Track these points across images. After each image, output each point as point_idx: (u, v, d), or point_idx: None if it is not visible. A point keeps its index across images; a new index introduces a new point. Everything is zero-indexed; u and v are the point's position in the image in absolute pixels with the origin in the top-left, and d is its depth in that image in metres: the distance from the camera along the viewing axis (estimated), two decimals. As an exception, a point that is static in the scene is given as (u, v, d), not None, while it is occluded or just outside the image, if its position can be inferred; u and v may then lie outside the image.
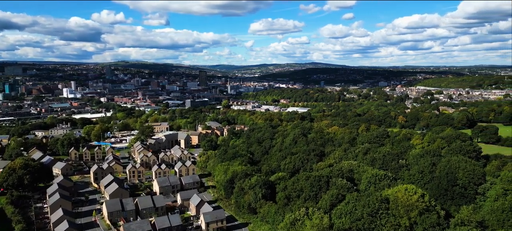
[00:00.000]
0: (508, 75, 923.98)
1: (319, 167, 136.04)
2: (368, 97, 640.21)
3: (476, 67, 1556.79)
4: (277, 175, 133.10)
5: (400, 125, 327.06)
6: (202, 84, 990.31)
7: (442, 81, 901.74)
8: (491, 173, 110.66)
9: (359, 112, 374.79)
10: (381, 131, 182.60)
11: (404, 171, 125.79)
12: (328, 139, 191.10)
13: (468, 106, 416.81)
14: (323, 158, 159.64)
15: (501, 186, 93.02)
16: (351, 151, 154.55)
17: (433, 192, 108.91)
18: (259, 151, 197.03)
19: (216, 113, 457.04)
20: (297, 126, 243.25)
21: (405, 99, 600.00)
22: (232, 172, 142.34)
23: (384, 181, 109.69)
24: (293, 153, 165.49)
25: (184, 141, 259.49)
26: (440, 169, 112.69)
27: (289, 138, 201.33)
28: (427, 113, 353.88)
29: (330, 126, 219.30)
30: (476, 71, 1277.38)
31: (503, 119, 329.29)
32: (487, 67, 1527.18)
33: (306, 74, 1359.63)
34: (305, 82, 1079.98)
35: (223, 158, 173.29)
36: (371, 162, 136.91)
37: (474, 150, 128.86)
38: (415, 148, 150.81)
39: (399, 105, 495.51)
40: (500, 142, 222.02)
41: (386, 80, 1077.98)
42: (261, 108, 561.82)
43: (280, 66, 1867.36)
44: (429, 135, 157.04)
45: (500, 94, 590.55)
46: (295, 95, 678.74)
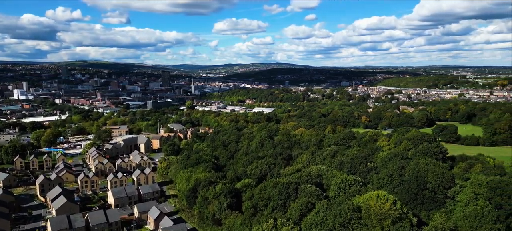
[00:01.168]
0: (461, 75, 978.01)
1: (286, 172, 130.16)
2: (332, 97, 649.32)
3: (431, 67, 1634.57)
4: (243, 182, 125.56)
5: (364, 125, 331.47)
6: (165, 85, 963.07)
7: (400, 81, 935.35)
8: (460, 175, 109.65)
9: (323, 113, 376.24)
10: (347, 133, 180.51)
11: (373, 174, 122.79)
12: (295, 141, 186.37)
13: (426, 106, 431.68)
14: (290, 161, 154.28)
15: (471, 190, 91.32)
16: (319, 154, 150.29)
17: (403, 197, 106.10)
18: (225, 155, 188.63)
19: (179, 114, 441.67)
20: (264, 127, 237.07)
21: (367, 99, 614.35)
22: (195, 180, 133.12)
23: (354, 186, 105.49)
24: (260, 157, 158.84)
25: (144, 145, 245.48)
26: (409, 173, 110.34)
27: (256, 140, 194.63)
28: (389, 113, 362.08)
29: (296, 128, 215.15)
30: (431, 71, 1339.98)
31: (460, 118, 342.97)
32: (441, 67, 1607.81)
33: (271, 74, 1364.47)
34: (270, 83, 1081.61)
35: (185, 164, 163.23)
36: (339, 166, 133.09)
37: (441, 152, 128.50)
38: (382, 150, 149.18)
39: (361, 105, 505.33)
40: (459, 140, 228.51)
41: (348, 80, 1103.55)
42: (227, 109, 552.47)
43: (245, 66, 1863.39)
44: (395, 136, 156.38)
45: (455, 94, 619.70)
46: (261, 95, 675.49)
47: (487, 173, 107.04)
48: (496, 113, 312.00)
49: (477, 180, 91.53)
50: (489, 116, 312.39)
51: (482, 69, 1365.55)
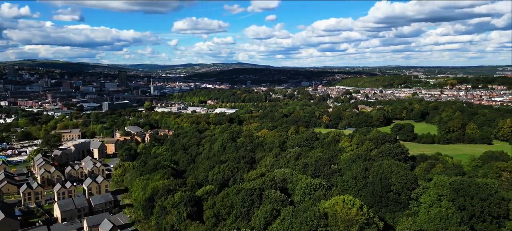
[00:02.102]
0: (414, 75, 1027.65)
1: (250, 176, 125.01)
2: (293, 97, 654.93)
3: (385, 67, 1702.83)
4: (204, 189, 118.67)
5: (325, 124, 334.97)
6: (122, 85, 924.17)
7: (358, 81, 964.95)
8: (422, 176, 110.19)
9: (286, 113, 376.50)
10: (310, 133, 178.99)
11: (337, 177, 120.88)
12: (258, 144, 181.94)
13: (383, 105, 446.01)
14: (254, 165, 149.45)
15: (435, 191, 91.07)
16: (283, 157, 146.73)
17: (368, 199, 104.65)
18: (185, 160, 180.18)
19: (137, 116, 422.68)
20: (226, 129, 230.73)
21: (326, 99, 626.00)
22: (152, 188, 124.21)
23: (319, 190, 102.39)
24: (222, 161, 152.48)
25: (98, 150, 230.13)
26: (373, 174, 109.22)
27: (218, 143, 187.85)
28: (348, 113, 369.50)
29: (259, 129, 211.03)
30: (386, 72, 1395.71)
31: (414, 116, 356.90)
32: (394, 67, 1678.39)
33: (233, 74, 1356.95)
34: (232, 83, 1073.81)
35: (142, 171, 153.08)
36: (303, 168, 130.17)
37: (402, 152, 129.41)
38: (345, 151, 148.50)
39: (322, 105, 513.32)
40: (416, 139, 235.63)
41: (308, 80, 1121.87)
42: (188, 110, 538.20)
43: (206, 66, 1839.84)
44: (357, 136, 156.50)
45: (409, 93, 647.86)
46: (223, 95, 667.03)
47: (448, 173, 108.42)
48: (448, 111, 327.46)
49: (440, 181, 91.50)
50: (442, 114, 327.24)
51: (432, 70, 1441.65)
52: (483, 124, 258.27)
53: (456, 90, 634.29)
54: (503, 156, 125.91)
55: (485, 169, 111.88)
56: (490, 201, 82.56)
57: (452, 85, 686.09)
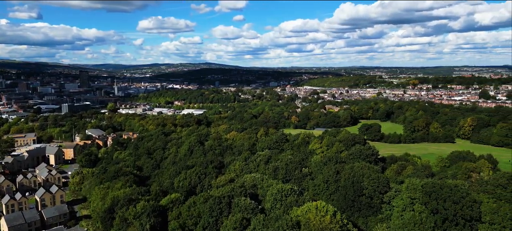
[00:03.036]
0: (378, 75, 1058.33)
1: (218, 182, 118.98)
2: (262, 98, 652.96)
3: (351, 68, 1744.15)
4: (169, 197, 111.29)
5: (294, 125, 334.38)
6: (84, 86, 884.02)
7: (325, 81, 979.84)
8: (393, 178, 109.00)
9: (255, 113, 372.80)
10: (280, 135, 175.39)
11: (308, 180, 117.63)
12: (227, 146, 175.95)
13: (350, 105, 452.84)
14: (222, 170, 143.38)
15: (407, 194, 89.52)
16: (252, 160, 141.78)
17: (340, 204, 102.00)
18: (149, 165, 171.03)
19: (99, 119, 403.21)
20: (193, 132, 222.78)
21: (295, 99, 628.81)
22: (112, 198, 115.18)
23: (290, 196, 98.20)
24: (189, 166, 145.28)
25: (54, 156, 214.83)
26: (344, 178, 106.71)
27: (184, 147, 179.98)
28: (317, 113, 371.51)
29: (228, 131, 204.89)
30: (351, 72, 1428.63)
31: (380, 116, 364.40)
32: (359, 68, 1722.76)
33: (201, 74, 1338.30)
34: (200, 83, 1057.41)
35: (102, 178, 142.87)
36: (274, 172, 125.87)
37: (373, 154, 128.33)
38: (315, 153, 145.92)
39: (290, 105, 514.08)
40: (383, 138, 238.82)
41: (276, 80, 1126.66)
42: (154, 111, 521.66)
43: (173, 66, 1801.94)
44: (327, 138, 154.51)
45: (373, 93, 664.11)
46: (190, 96, 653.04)
47: (419, 175, 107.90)
48: (412, 111, 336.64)
49: (412, 184, 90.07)
50: (406, 113, 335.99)
51: (394, 70, 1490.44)
52: (446, 123, 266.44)
53: (418, 90, 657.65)
54: (470, 156, 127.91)
55: (453, 170, 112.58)
56: (462, 203, 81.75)
57: (414, 85, 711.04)
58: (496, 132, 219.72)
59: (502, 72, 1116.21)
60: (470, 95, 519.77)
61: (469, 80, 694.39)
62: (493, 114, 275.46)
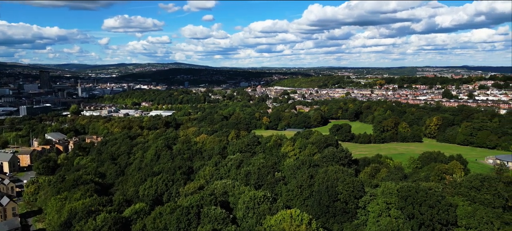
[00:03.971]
0: (346, 75, 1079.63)
1: (187, 190, 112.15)
2: (233, 98, 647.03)
3: (319, 68, 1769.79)
4: (133, 208, 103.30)
5: (265, 126, 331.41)
6: (45, 87, 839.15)
7: (295, 81, 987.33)
8: (367, 182, 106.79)
9: (225, 114, 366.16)
10: (252, 138, 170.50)
11: (281, 185, 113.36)
12: (197, 150, 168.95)
13: (319, 105, 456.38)
14: (191, 175, 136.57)
15: (383, 199, 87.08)
16: (223, 165, 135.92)
17: (314, 210, 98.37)
18: (113, 172, 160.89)
19: (61, 122, 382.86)
20: (161, 135, 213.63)
21: (265, 99, 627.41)
22: (69, 210, 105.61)
23: (263, 204, 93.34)
24: (156, 172, 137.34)
25: (8, 163, 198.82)
26: (318, 182, 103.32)
27: (151, 151, 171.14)
28: (287, 113, 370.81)
29: (198, 134, 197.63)
30: (320, 72, 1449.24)
31: (349, 115, 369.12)
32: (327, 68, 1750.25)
33: (170, 74, 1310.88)
34: (168, 83, 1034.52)
35: (59, 188, 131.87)
36: (245, 177, 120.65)
37: (346, 156, 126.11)
38: (288, 156, 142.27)
39: (261, 106, 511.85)
40: (354, 139, 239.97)
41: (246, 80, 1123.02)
42: (120, 113, 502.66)
43: (141, 66, 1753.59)
44: (300, 140, 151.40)
45: (342, 93, 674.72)
46: (159, 97, 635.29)
47: (393, 178, 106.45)
48: (380, 111, 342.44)
49: (387, 189, 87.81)
50: (374, 113, 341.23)
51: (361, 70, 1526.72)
52: (413, 122, 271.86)
53: (385, 90, 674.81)
54: (441, 157, 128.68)
55: (425, 171, 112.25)
56: (438, 208, 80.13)
57: (381, 85, 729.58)
58: (461, 131, 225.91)
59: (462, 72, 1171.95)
60: (433, 95, 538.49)
61: (432, 80, 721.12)
62: (456, 114, 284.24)
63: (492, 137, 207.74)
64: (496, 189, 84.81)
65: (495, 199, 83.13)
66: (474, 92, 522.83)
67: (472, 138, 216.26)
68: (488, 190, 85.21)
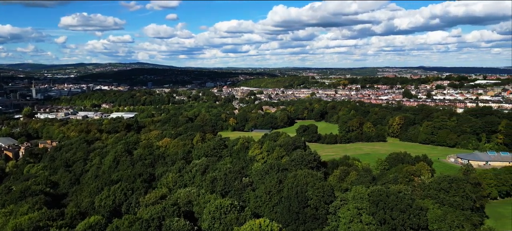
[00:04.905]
0: (310, 76, 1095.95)
1: (148, 200, 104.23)
2: (198, 99, 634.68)
3: (285, 69, 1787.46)
4: (87, 221, 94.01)
5: (232, 127, 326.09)
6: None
7: (261, 82, 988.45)
8: (337, 186, 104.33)
9: (190, 116, 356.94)
10: (218, 141, 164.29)
11: (249, 191, 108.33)
12: (159, 155, 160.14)
13: (286, 105, 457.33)
14: (153, 183, 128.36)
15: (354, 204, 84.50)
16: (187, 171, 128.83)
17: (284, 217, 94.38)
18: (67, 180, 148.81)
19: (12, 125, 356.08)
20: (120, 139, 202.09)
21: (232, 100, 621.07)
22: (13, 226, 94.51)
23: (230, 213, 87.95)
24: (114, 180, 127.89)
25: None
26: (288, 187, 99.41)
27: (109, 157, 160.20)
28: (254, 114, 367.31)
29: (161, 137, 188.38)
30: (285, 73, 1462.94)
31: (315, 116, 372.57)
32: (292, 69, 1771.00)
33: (132, 74, 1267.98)
34: (131, 84, 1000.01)
35: (4, 200, 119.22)
36: (211, 184, 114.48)
37: (315, 159, 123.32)
38: (256, 159, 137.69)
39: (228, 106, 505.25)
40: (320, 139, 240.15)
41: (212, 81, 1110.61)
42: (78, 115, 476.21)
43: (101, 66, 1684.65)
44: (267, 143, 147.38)
45: (307, 93, 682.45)
46: (120, 98, 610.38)
47: (362, 181, 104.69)
48: (344, 111, 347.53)
49: (358, 193, 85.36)
50: (339, 113, 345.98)
51: (324, 71, 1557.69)
52: (377, 122, 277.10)
53: (348, 90, 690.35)
54: (407, 158, 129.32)
55: (394, 173, 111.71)
56: (409, 212, 78.59)
57: (344, 86, 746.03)
58: (422, 130, 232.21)
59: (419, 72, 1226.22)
60: (394, 95, 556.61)
61: (393, 80, 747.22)
62: (417, 113, 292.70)
63: (452, 135, 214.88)
64: (464, 190, 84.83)
65: (464, 201, 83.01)
66: (432, 92, 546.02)
67: (433, 137, 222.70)
68: (456, 192, 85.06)
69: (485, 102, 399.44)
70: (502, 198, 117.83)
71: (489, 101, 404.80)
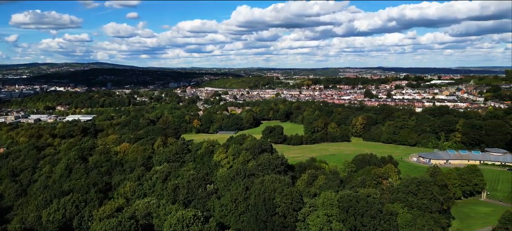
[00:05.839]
0: (275, 76, 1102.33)
1: (102, 213, 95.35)
2: (161, 100, 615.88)
3: (249, 69, 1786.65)
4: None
5: (196, 129, 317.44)
6: None
7: (225, 82, 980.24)
8: (305, 192, 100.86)
9: (152, 118, 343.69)
10: (181, 145, 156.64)
11: (214, 200, 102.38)
12: (117, 162, 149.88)
13: (251, 106, 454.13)
14: (109, 193, 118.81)
15: (323, 211, 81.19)
16: (147, 178, 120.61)
17: (251, 227, 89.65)
18: (12, 192, 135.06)
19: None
20: (75, 145, 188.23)
21: (196, 101, 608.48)
22: None
23: (194, 226, 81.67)
24: (65, 191, 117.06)
25: None
26: (255, 194, 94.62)
27: (61, 165, 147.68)
28: (219, 115, 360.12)
29: (119, 142, 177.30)
30: (250, 73, 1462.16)
31: (280, 116, 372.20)
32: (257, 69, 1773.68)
33: (90, 75, 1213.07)
34: (89, 85, 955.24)
35: None
36: (173, 193, 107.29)
37: (282, 163, 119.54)
38: (221, 165, 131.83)
39: (192, 107, 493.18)
40: (286, 140, 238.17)
41: (176, 81, 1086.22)
42: (29, 118, 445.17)
43: (57, 66, 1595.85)
44: (233, 146, 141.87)
45: (272, 93, 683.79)
46: (77, 100, 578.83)
47: (330, 185, 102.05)
48: (309, 111, 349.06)
49: (328, 199, 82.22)
50: (304, 113, 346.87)
51: (288, 71, 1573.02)
52: (341, 122, 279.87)
53: (312, 90, 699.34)
54: (374, 159, 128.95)
55: (361, 175, 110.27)
56: (380, 217, 76.45)
57: (308, 86, 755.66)
58: (384, 129, 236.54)
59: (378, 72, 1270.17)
60: (356, 95, 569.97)
61: (354, 80, 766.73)
62: (379, 113, 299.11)
63: (413, 134, 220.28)
64: (432, 193, 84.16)
65: (432, 204, 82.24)
66: (391, 91, 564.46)
67: (395, 136, 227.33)
68: (424, 194, 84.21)
69: (442, 101, 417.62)
70: (466, 197, 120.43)
71: (445, 101, 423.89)
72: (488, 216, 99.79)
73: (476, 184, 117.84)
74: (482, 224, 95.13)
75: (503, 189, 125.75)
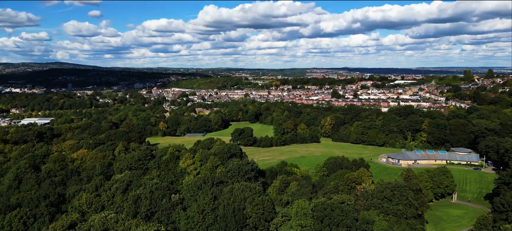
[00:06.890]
0: (243, 77, 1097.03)
1: (53, 230, 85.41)
2: (125, 102, 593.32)
3: (217, 69, 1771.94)
4: (-32, 266, 73.36)
5: (162, 132, 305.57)
6: None
7: (193, 82, 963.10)
8: (277, 200, 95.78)
9: (115, 121, 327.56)
10: (144, 151, 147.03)
11: (179, 210, 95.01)
12: (73, 171, 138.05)
13: (220, 107, 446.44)
14: (62, 206, 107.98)
15: (297, 222, 76.40)
16: (106, 189, 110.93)
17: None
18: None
19: None
20: (27, 151, 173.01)
21: (162, 102, 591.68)
22: None
23: (157, 242, 74.39)
24: (12, 205, 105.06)
25: None
26: (224, 204, 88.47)
27: (10, 175, 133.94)
28: (187, 117, 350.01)
29: (76, 148, 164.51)
30: (218, 73, 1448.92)
31: (249, 117, 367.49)
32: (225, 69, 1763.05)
33: (49, 75, 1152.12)
34: (47, 86, 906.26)
35: None
36: (134, 204, 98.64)
37: (252, 169, 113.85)
38: (188, 172, 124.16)
39: (158, 109, 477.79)
40: (256, 143, 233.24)
41: (141, 82, 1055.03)
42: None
43: (13, 66, 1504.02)
44: (200, 152, 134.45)
45: (241, 94, 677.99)
46: (34, 102, 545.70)
47: (303, 192, 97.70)
48: (278, 112, 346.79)
49: (301, 209, 77.60)
50: (273, 114, 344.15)
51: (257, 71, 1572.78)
52: (310, 123, 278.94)
53: (280, 90, 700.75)
54: (345, 162, 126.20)
55: (334, 180, 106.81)
56: (355, 227, 72.66)
57: (276, 86, 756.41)
58: (353, 130, 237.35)
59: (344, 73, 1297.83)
60: (324, 95, 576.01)
61: (321, 81, 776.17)
62: (346, 113, 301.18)
63: (380, 135, 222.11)
64: (407, 198, 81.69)
65: (407, 209, 79.74)
66: (357, 91, 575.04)
67: (364, 137, 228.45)
68: (399, 200, 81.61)
69: (406, 101, 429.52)
70: (437, 200, 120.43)
71: (408, 100, 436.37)
72: (460, 218, 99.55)
73: (447, 185, 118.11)
74: (455, 227, 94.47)
75: (472, 190, 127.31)
